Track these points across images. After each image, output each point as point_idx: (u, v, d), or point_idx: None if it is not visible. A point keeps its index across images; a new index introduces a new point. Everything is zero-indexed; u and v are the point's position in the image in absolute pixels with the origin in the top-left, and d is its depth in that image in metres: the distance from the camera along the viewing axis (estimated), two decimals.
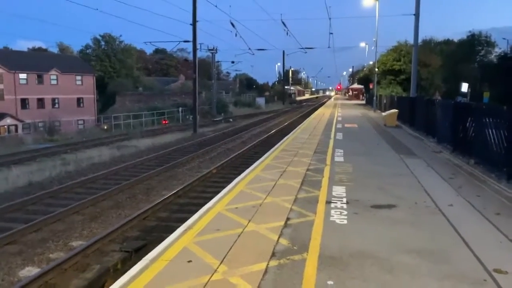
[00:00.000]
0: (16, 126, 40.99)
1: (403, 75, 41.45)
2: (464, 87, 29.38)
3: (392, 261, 4.79)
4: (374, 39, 42.38)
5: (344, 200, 7.36)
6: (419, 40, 28.56)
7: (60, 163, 18.14)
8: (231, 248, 5.12)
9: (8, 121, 41.14)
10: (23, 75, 45.80)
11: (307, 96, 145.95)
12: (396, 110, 24.27)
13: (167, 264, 4.66)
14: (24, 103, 45.61)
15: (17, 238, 8.69)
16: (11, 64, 44.01)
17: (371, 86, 48.16)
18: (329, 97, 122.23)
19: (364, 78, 63.57)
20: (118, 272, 6.89)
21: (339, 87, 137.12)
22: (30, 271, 7.25)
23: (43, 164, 18.32)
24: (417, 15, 22.92)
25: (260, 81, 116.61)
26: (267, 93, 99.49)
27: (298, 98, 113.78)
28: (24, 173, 15.75)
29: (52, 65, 49.07)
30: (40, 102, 47.24)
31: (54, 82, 49.13)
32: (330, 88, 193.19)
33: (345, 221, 6.20)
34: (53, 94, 48.52)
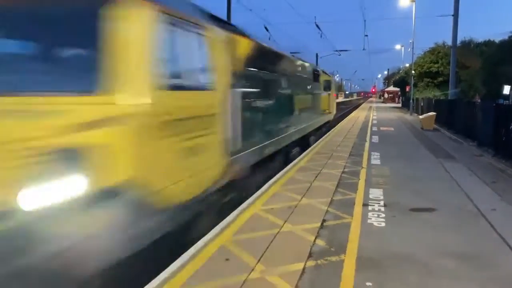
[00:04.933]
0: None
1: (441, 78, 40.44)
2: (506, 89, 28.36)
3: (432, 265, 4.69)
4: (410, 41, 41.57)
5: (382, 203, 7.24)
6: (458, 41, 27.77)
7: None
8: (267, 247, 5.14)
9: None
10: None
11: (340, 99, 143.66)
12: (434, 113, 23.68)
13: (205, 262, 4.74)
14: None
15: None
16: None
17: (407, 89, 47.19)
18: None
19: (400, 80, 62.41)
20: None
21: (373, 90, 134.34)
22: None
23: None
24: (455, 15, 22.36)
25: None
26: None
27: None
28: None
29: None
30: None
31: None
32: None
33: (383, 224, 6.11)
34: None
